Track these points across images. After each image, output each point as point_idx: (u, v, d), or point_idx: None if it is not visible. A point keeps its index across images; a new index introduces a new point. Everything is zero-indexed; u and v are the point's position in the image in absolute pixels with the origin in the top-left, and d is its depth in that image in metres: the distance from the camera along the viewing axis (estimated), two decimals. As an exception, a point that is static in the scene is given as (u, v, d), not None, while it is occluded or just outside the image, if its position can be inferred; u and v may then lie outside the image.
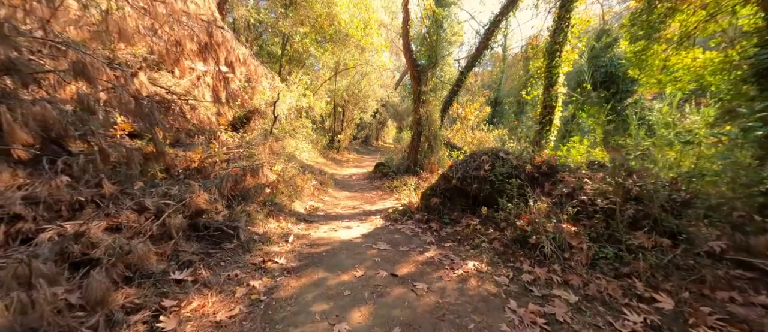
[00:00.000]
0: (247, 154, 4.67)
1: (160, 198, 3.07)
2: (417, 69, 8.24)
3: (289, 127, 9.17)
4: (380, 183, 7.94)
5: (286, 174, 5.28)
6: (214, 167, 4.16)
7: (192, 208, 3.13)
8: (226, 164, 4.39)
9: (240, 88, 7.52)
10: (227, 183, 3.65)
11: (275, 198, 4.53)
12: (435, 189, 4.89)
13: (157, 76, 6.27)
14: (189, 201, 3.12)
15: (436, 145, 8.12)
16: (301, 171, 6.81)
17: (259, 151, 4.80)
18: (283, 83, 8.61)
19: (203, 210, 3.24)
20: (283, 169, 5.32)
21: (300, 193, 5.37)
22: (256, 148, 4.83)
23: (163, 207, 2.92)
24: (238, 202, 3.86)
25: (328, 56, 11.47)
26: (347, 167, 11.79)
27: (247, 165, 4.22)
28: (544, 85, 7.13)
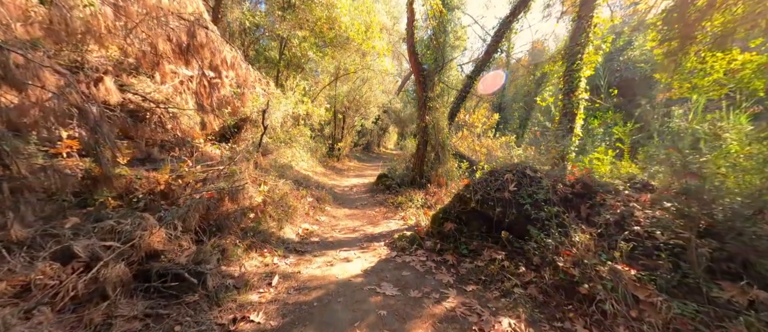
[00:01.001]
0: (228, 171, 3.93)
1: (101, 239, 2.32)
2: (422, 73, 7.53)
3: (285, 136, 8.45)
4: (383, 197, 7.18)
5: (275, 193, 4.53)
6: (185, 189, 3.42)
7: (143, 251, 2.38)
8: (203, 184, 3.65)
9: (232, 94, 6.82)
10: (196, 213, 2.90)
11: (260, 224, 3.77)
12: (448, 212, 4.13)
13: (134, 81, 5.58)
14: (139, 242, 2.37)
15: (443, 155, 7.37)
16: (296, 187, 6.06)
17: (242, 167, 4.06)
18: (278, 89, 7.92)
19: (159, 252, 2.48)
20: (272, 188, 4.57)
21: (292, 215, 4.62)
22: (239, 165, 4.09)
23: (99, 252, 2.17)
24: (211, 235, 3.11)
25: (328, 61, 10.80)
26: (348, 177, 11.04)
27: (226, 186, 3.48)
28: (563, 90, 6.39)
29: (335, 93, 12.58)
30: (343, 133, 13.92)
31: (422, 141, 7.67)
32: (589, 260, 2.76)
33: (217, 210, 3.25)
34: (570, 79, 6.23)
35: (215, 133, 6.64)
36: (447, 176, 7.11)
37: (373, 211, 6.08)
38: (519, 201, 3.62)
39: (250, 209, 3.74)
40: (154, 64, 5.45)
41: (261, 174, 4.76)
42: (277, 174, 5.85)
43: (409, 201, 6.35)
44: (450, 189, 6.52)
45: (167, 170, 3.39)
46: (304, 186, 6.51)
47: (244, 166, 4.19)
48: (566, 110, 6.33)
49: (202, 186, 3.60)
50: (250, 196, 3.75)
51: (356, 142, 16.76)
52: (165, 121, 5.56)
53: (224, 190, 3.37)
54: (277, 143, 7.96)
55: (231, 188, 3.44)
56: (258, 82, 7.84)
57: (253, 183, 4.27)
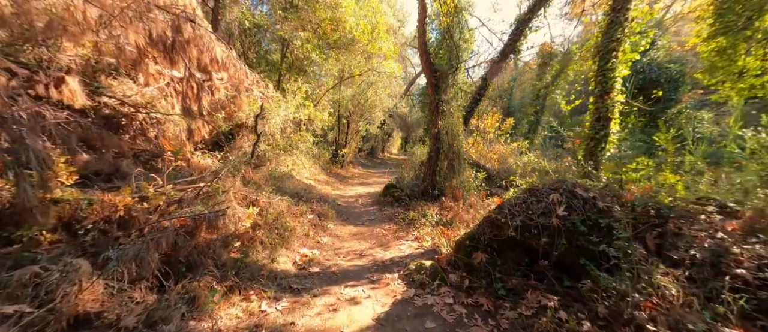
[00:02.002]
0: (211, 190, 3.19)
1: (10, 298, 1.58)
2: (435, 74, 6.79)
3: (285, 143, 7.74)
4: (392, 211, 6.42)
5: (269, 213, 3.78)
6: (152, 215, 2.68)
7: (67, 316, 1.64)
8: (178, 207, 2.91)
9: (225, 98, 6.14)
10: (155, 251, 2.16)
11: (248, 256, 3.03)
12: (477, 239, 3.35)
13: (113, 83, 4.91)
14: (62, 303, 1.63)
15: (459, 165, 6.60)
16: (295, 202, 5.32)
17: (228, 185, 3.32)
18: (278, 92, 7.23)
19: (93, 315, 1.74)
20: (265, 207, 3.83)
21: (289, 239, 3.87)
22: (224, 181, 3.35)
23: (-11, 328, 1.43)
24: (179, 277, 2.37)
25: (332, 63, 10.13)
26: (352, 185, 10.29)
27: (204, 210, 2.74)
28: (596, 92, 5.62)
29: (339, 97, 11.89)
30: (348, 139, 13.21)
31: (434, 148, 6.91)
32: (690, 321, 1.97)
33: (189, 243, 2.52)
34: (604, 79, 5.46)
35: (206, 141, 5.93)
36: (463, 188, 6.34)
37: (381, 229, 5.31)
38: (570, 229, 2.85)
39: (235, 237, 3.00)
40: (134, 63, 4.79)
41: (252, 191, 4.03)
42: (273, 188, 5.11)
43: (421, 216, 5.58)
44: (468, 204, 5.73)
45: (128, 191, 2.66)
46: (305, 200, 5.77)
47: (230, 182, 3.45)
48: (599, 114, 5.55)
49: (177, 209, 2.87)
50: (236, 221, 3.01)
51: (360, 148, 16.04)
52: (147, 127, 4.88)
53: (201, 216, 2.64)
54: (276, 151, 7.25)
55: (210, 213, 2.70)
56: (256, 84, 7.16)
57: (241, 202, 3.54)
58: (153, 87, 5.05)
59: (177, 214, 2.61)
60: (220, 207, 2.86)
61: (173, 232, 2.42)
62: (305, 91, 8.09)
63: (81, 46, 4.45)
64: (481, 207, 5.54)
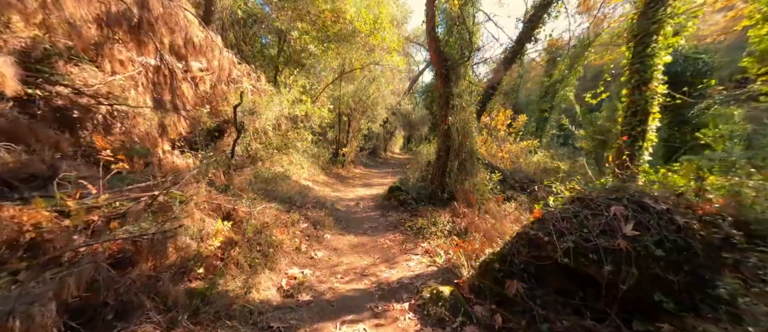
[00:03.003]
0: (169, 199, 2.46)
1: None
2: (445, 65, 6.03)
3: (280, 141, 7.00)
4: (397, 216, 5.68)
5: (249, 226, 3.04)
6: (80, 235, 1.95)
7: None
8: (120, 223, 2.18)
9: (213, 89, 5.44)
10: (54, 298, 1.42)
11: (216, 284, 2.29)
12: (509, 261, 2.61)
13: (73, 70, 4.18)
14: None
15: (472, 165, 5.84)
16: (286, 209, 4.59)
17: (190, 193, 2.58)
18: (272, 86, 6.49)
19: None
20: (244, 219, 3.09)
21: (275, 256, 3.14)
22: (186, 188, 2.62)
23: None
24: (102, 329, 1.64)
25: (331, 56, 9.38)
26: (353, 186, 9.56)
27: (150, 229, 2.01)
28: (631, 82, 4.84)
29: (340, 93, 11.15)
30: (349, 137, 12.47)
31: (444, 147, 6.15)
32: None
33: (122, 277, 1.79)
34: (641, 67, 4.69)
35: (187, 139, 5.20)
36: (477, 192, 5.58)
37: (386, 240, 4.56)
38: (641, 253, 2.10)
39: (198, 261, 2.26)
40: (97, 47, 4.06)
41: (229, 200, 3.29)
42: (260, 193, 4.38)
43: (432, 224, 4.84)
44: (484, 211, 4.98)
45: (42, 204, 1.92)
46: (299, 206, 5.04)
47: (194, 189, 2.71)
48: (636, 108, 4.78)
49: (119, 226, 2.13)
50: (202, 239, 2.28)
51: (362, 147, 15.30)
52: (113, 122, 4.15)
53: (142, 241, 1.91)
54: (270, 150, 6.51)
55: (157, 233, 1.98)
56: (246, 76, 6.43)
57: (213, 213, 2.81)
58: (122, 75, 4.33)
59: (110, 236, 1.89)
60: (175, 223, 2.14)
61: (99, 262, 1.70)
62: (302, 84, 7.35)
63: (33, 25, 3.73)
64: (500, 215, 4.79)
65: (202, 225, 2.51)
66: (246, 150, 6.02)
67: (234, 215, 3.07)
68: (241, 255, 2.76)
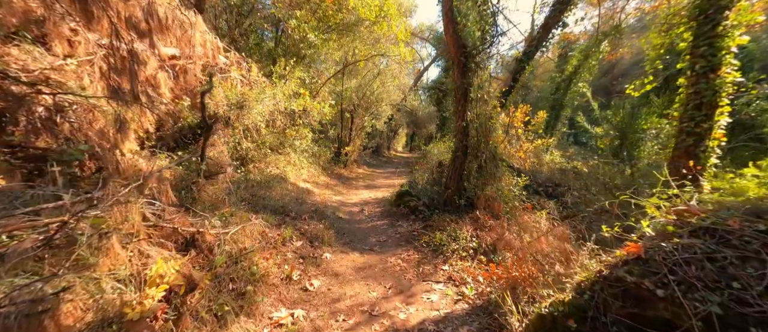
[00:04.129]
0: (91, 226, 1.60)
1: None
2: (464, 51, 5.14)
3: (274, 140, 6.14)
4: (409, 227, 4.82)
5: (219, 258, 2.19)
6: None
7: None
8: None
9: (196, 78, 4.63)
10: None
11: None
12: (592, 319, 1.74)
13: (13, 51, 3.36)
14: None
15: (495, 168, 4.97)
16: (278, 221, 3.74)
17: (110, 221, 1.72)
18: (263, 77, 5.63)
19: None
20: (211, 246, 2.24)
21: (255, 294, 2.29)
22: (109, 213, 1.76)
23: None
24: None
25: (333, 47, 8.49)
26: (357, 188, 8.71)
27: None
28: (696, 69, 3.94)
29: (342, 88, 10.26)
30: (352, 135, 11.60)
31: (461, 146, 5.28)
32: None
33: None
34: (709, 50, 3.78)
35: (164, 137, 4.35)
36: (502, 198, 4.71)
37: (398, 260, 3.71)
38: None
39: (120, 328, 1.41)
40: (37, 23, 3.21)
41: (191, 221, 2.43)
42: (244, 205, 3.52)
43: (451, 239, 3.98)
44: (514, 223, 4.12)
45: None
46: (293, 217, 4.19)
47: (121, 211, 1.83)
48: (700, 99, 3.88)
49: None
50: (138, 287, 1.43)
51: (365, 145, 14.42)
52: (64, 116, 3.31)
53: None
54: (263, 150, 5.65)
55: (23, 302, 1.13)
56: (236, 65, 5.55)
57: (166, 242, 1.96)
58: (74, 59, 3.48)
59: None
60: (65, 280, 1.28)
61: None
62: (299, 76, 6.48)
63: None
64: (535, 229, 3.92)
65: (143, 265, 1.67)
66: (235, 150, 5.17)
67: (199, 241, 2.24)
68: (203, 302, 1.92)
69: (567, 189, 6.09)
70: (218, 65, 5.10)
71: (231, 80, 5.20)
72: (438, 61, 17.24)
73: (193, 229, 2.26)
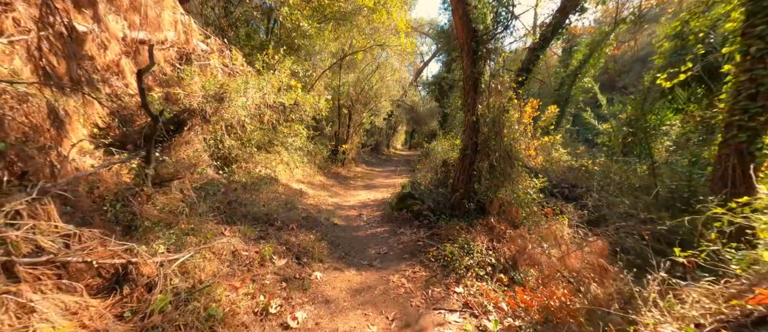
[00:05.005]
0: None
1: None
2: (474, 36, 4.49)
3: (262, 137, 5.48)
4: (412, 235, 4.20)
5: (159, 299, 1.57)
6: None
7: None
8: None
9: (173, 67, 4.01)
10: None
11: None
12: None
13: None
14: None
15: (510, 168, 4.34)
16: (258, 234, 3.10)
17: None
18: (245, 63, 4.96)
19: None
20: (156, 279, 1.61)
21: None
22: None
23: None
24: None
25: (329, 37, 7.80)
26: (355, 189, 8.09)
27: None
28: (750, 52, 3.30)
29: (339, 82, 9.58)
30: (349, 132, 10.94)
31: (470, 144, 4.65)
32: None
33: None
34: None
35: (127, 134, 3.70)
36: (519, 203, 4.09)
37: (402, 279, 3.08)
38: None
39: None
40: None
41: (105, 252, 1.77)
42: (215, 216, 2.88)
43: (464, 252, 3.37)
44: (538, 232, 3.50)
45: None
46: (278, 227, 3.55)
47: None
48: (756, 88, 3.25)
49: None
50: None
51: (364, 143, 13.77)
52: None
53: None
54: (248, 148, 5.00)
55: None
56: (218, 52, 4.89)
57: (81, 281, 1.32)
58: (5, 38, 2.80)
59: None
60: None
61: None
62: (290, 66, 5.81)
63: None
64: (561, 242, 3.31)
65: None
66: (216, 148, 4.52)
67: (132, 275, 1.61)
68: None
69: (585, 190, 5.48)
70: (195, 51, 4.42)
71: (211, 69, 4.53)
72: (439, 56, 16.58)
73: (123, 259, 1.63)
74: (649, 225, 4.66)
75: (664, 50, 9.73)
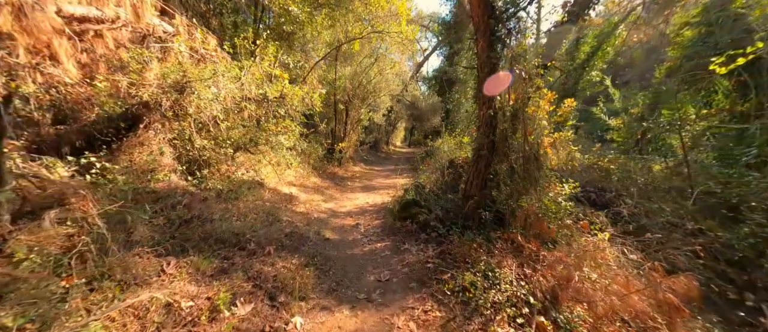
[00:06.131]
0: None
1: None
2: (492, 13, 3.66)
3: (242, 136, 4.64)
4: (419, 254, 3.42)
5: None
6: None
7: None
8: None
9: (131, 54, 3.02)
10: None
11: None
12: None
13: None
14: None
15: (537, 171, 3.55)
16: (215, 270, 2.30)
17: None
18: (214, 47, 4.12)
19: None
20: None
21: None
22: None
23: None
24: None
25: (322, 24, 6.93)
26: (352, 191, 7.30)
27: None
28: None
29: (335, 75, 8.73)
30: (347, 130, 10.11)
31: (486, 143, 3.85)
32: None
33: None
34: None
35: (59, 135, 2.87)
36: (546, 212, 3.30)
37: (410, 322, 2.31)
38: None
39: None
40: None
41: None
42: (155, 246, 2.08)
43: (488, 282, 2.58)
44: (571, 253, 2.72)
45: None
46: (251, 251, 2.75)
47: None
48: None
49: None
50: None
51: (362, 141, 12.94)
52: None
53: None
54: (224, 149, 4.17)
55: None
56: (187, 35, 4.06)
57: None
58: None
59: None
60: None
61: None
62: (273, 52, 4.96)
63: None
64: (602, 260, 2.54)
65: None
66: (183, 150, 3.69)
67: None
68: None
69: (615, 195, 4.70)
70: (155, 33, 3.58)
71: (176, 54, 3.69)
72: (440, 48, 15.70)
73: None
74: (699, 237, 3.91)
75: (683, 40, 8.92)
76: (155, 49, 3.52)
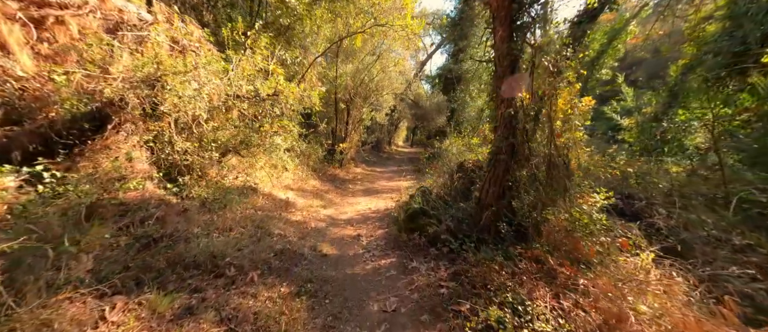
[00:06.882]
0: None
1: None
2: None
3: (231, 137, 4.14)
4: (429, 275, 2.93)
5: None
6: None
7: None
8: None
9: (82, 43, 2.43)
10: None
11: None
12: None
13: None
14: None
15: (566, 178, 3.04)
16: (177, 311, 1.80)
17: None
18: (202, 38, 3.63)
19: None
20: None
21: None
22: None
23: None
24: None
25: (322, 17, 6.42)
26: (354, 195, 6.82)
27: None
28: None
29: (336, 73, 8.22)
30: (348, 130, 9.62)
31: (505, 146, 3.34)
32: None
33: None
34: None
35: (9, 138, 2.38)
36: (581, 231, 2.79)
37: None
38: None
39: None
40: None
41: None
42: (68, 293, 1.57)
43: (521, 320, 2.08)
44: (612, 279, 2.21)
45: None
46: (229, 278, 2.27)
47: None
48: None
49: None
50: None
51: (364, 141, 12.43)
52: None
53: None
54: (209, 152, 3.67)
55: None
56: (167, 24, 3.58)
57: None
58: None
59: None
60: None
61: None
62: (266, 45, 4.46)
63: None
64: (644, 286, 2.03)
65: None
66: (162, 153, 3.21)
67: None
68: None
69: (646, 203, 4.17)
70: (129, 21, 3.10)
71: (153, 45, 3.20)
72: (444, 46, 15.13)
73: None
74: (749, 254, 3.38)
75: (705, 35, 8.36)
76: (128, 39, 3.04)
